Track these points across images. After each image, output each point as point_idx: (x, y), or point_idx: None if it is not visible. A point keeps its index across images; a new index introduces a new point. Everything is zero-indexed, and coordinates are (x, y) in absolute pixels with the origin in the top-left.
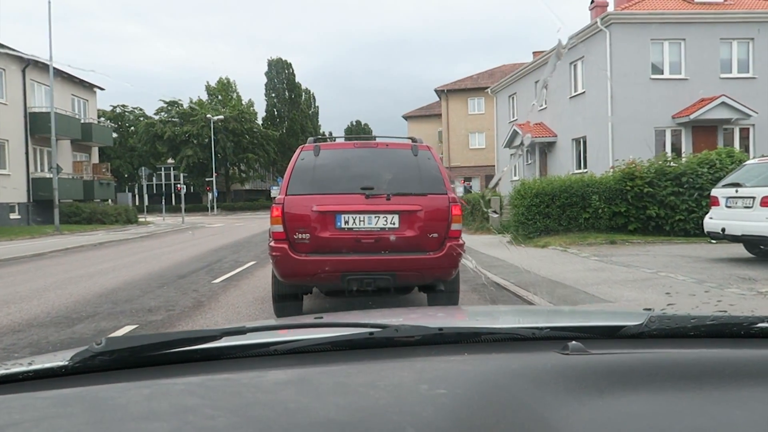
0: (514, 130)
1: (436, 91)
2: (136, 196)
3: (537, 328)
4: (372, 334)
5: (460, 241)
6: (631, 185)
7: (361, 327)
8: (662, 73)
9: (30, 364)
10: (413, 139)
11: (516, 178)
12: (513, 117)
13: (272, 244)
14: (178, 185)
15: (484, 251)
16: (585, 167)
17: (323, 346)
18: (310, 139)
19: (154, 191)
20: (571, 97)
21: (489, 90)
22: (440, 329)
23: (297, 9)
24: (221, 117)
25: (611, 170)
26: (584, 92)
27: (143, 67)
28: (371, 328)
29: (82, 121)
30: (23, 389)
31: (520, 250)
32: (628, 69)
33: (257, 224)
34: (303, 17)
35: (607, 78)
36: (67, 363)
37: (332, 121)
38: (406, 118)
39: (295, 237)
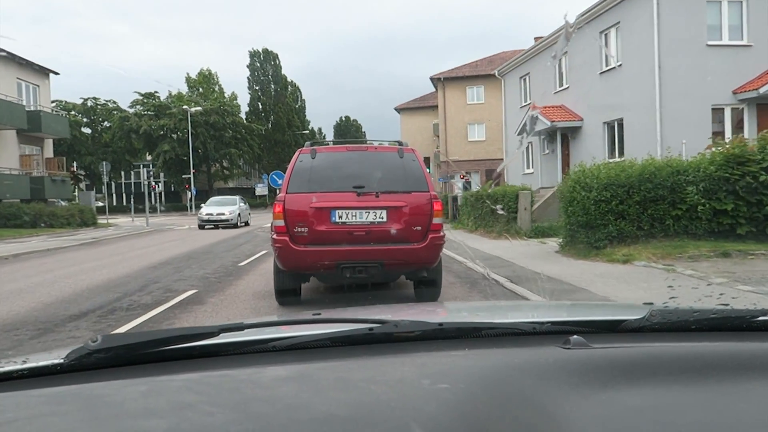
0: (532, 113)
1: (431, 79)
2: (113, 195)
3: (538, 322)
4: (372, 329)
5: (441, 233)
6: (740, 172)
7: (361, 323)
8: (720, 39)
9: (24, 362)
10: (399, 143)
11: (530, 170)
12: (526, 101)
13: (275, 236)
14: (152, 183)
15: (536, 267)
16: (621, 155)
17: (322, 342)
18: (307, 143)
19: (132, 189)
20: (602, 73)
21: (496, 72)
22: (440, 324)
23: (282, 7)
24: (199, 108)
25: (707, 151)
26: (620, 65)
27: (128, 66)
28: (371, 324)
29: (28, 109)
30: (18, 387)
31: (595, 267)
32: (679, 34)
33: None
34: (288, 16)
35: (652, 47)
36: (62, 361)
37: (319, 118)
38: (399, 110)
39: (295, 230)
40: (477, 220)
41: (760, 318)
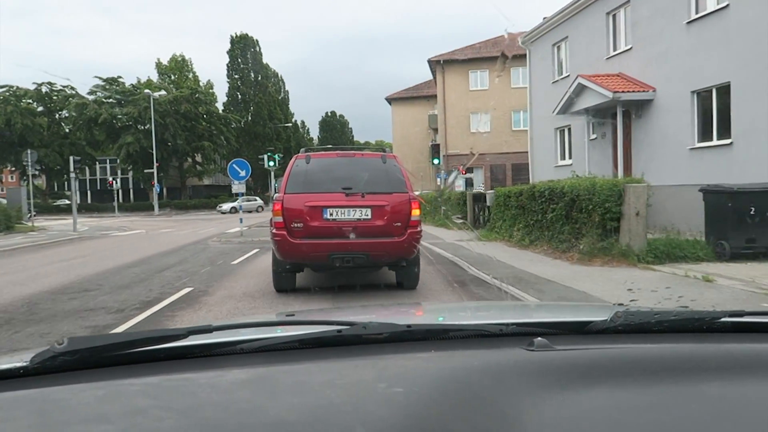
0: (580, 84)
1: (429, 62)
2: (78, 192)
3: (505, 324)
4: (340, 331)
5: (418, 229)
6: None
7: (330, 324)
8: None
9: None
10: (383, 150)
11: (566, 161)
12: (561, 73)
13: (274, 231)
14: (110, 179)
15: None
16: (725, 136)
17: (290, 344)
18: (302, 149)
19: (98, 187)
20: (690, 22)
21: (519, 40)
22: (408, 326)
23: (267, 4)
24: (163, 93)
25: None
26: (727, 6)
27: (110, 62)
28: (339, 326)
29: None
30: None
31: None
32: None
33: (195, 229)
34: (273, 12)
35: None
36: (26, 364)
37: (305, 116)
38: (390, 101)
39: (292, 226)
40: (531, 230)
41: (721, 320)
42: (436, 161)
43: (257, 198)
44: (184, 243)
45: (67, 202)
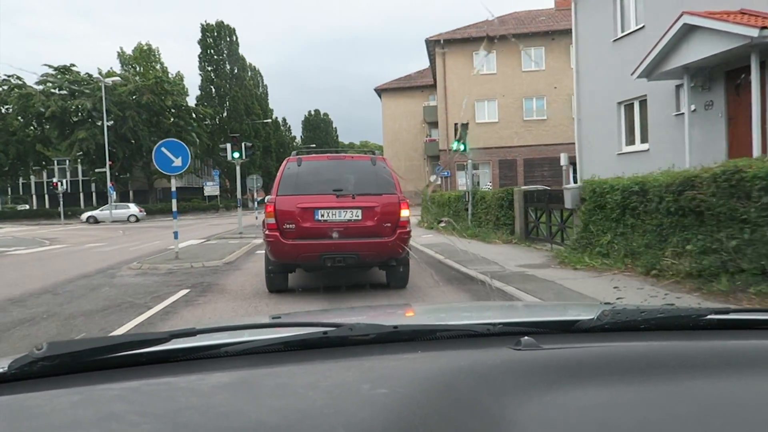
0: (687, 25)
1: (427, 42)
2: (33, 197)
3: (491, 323)
4: (326, 333)
5: (407, 229)
6: None
7: (316, 326)
8: None
9: None
10: (372, 152)
11: (638, 147)
12: (632, 25)
13: (267, 232)
14: (54, 181)
15: None
16: None
17: (275, 347)
18: (294, 152)
19: (57, 189)
20: None
21: None
22: (395, 327)
23: (247, 6)
24: (117, 79)
25: None
26: None
27: (88, 65)
28: (325, 328)
29: None
30: None
31: None
32: None
33: (132, 243)
34: (254, 15)
35: None
36: (4, 370)
37: (287, 119)
38: (380, 92)
39: (284, 227)
40: (728, 260)
41: (707, 317)
42: (462, 147)
43: (130, 205)
44: (81, 272)
45: (27, 206)
